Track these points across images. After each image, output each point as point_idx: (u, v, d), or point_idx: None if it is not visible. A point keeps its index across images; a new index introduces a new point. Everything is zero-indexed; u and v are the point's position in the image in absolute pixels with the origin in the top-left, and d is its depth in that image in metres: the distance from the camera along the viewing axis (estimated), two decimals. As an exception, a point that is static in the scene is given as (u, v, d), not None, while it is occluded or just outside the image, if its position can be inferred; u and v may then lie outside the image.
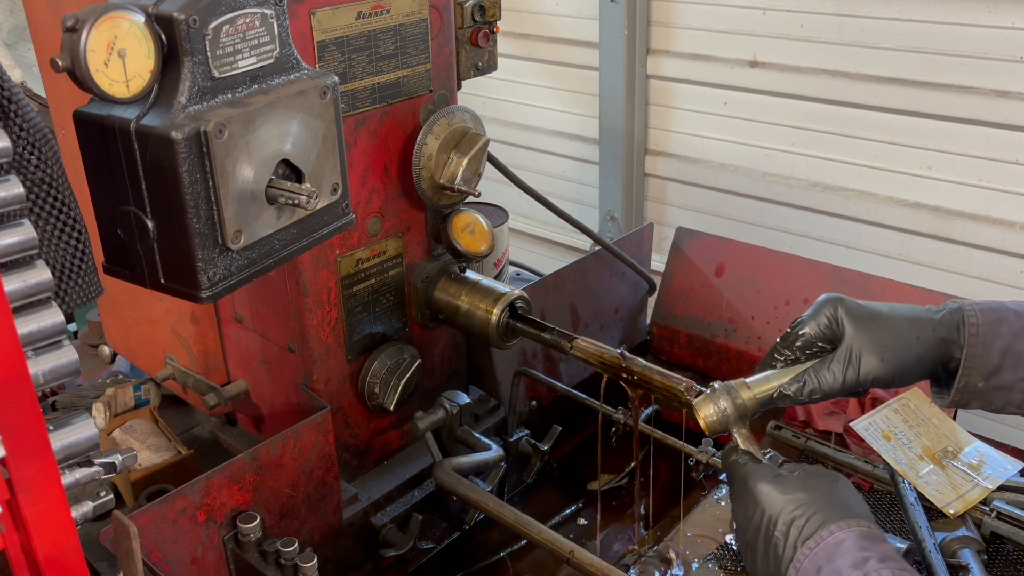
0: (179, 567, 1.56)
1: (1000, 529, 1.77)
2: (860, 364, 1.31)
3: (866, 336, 1.31)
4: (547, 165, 4.44)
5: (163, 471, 1.97)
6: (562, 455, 2.37)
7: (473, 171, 1.87)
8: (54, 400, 2.22)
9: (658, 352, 2.62)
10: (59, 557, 0.93)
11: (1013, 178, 3.04)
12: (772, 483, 1.23)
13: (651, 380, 1.68)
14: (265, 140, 1.29)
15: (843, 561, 1.11)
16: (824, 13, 3.30)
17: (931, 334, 1.32)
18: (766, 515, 1.20)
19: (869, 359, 1.30)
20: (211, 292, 1.27)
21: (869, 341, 1.31)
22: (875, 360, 1.30)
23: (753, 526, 1.22)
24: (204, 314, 1.99)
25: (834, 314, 1.34)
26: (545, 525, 1.76)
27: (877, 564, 1.10)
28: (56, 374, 0.96)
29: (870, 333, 1.31)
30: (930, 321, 1.33)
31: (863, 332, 1.31)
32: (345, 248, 1.81)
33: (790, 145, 3.58)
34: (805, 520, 1.17)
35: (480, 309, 1.89)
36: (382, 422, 2.02)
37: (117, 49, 1.13)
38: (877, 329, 1.31)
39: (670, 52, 3.83)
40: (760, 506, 1.22)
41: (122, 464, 1.06)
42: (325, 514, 1.81)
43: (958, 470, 1.90)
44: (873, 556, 1.11)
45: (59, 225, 1.10)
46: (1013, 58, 2.92)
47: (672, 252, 2.57)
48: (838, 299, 1.35)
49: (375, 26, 1.72)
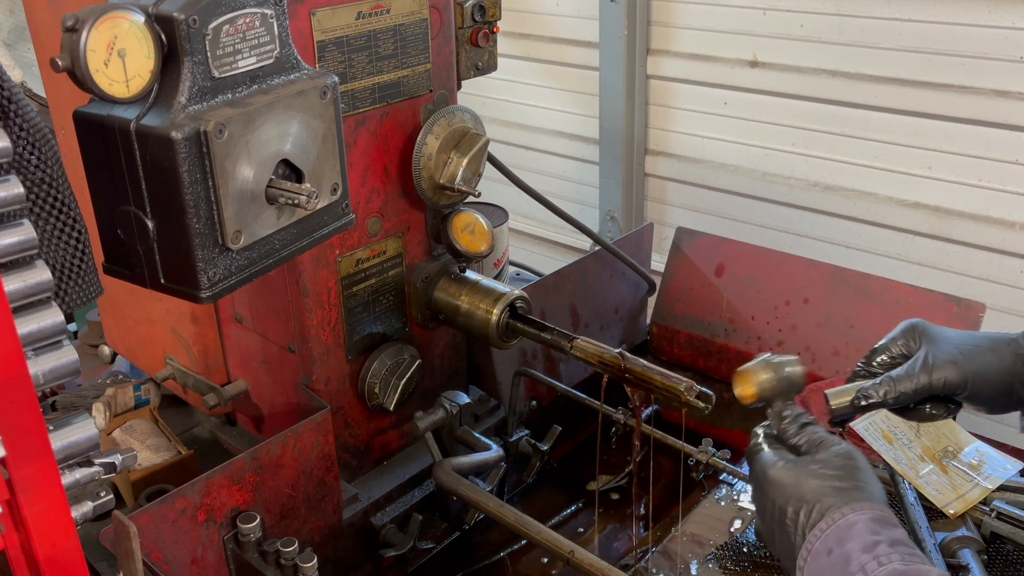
0: (179, 567, 1.56)
1: (1000, 529, 1.77)
2: (933, 368, 1.40)
3: (942, 345, 1.42)
4: (547, 165, 4.44)
5: (163, 471, 1.97)
6: (562, 455, 2.37)
7: (473, 171, 1.87)
8: (54, 400, 2.22)
9: (658, 352, 2.62)
10: (59, 557, 0.93)
11: (1013, 178, 3.04)
12: (783, 470, 1.25)
13: (651, 380, 1.68)
14: (265, 140, 1.29)
15: (853, 544, 1.13)
16: (824, 13, 3.30)
17: (1006, 349, 1.41)
18: (778, 503, 1.23)
19: (943, 364, 1.40)
20: (211, 292, 1.27)
21: (945, 348, 1.42)
22: (949, 364, 1.40)
23: (768, 512, 1.25)
24: (204, 314, 1.99)
25: (912, 332, 1.46)
26: (545, 525, 1.76)
27: (887, 548, 1.11)
28: (56, 374, 0.96)
29: (946, 343, 1.43)
30: (1006, 339, 1.42)
31: (939, 343, 1.43)
32: (345, 248, 1.81)
33: (790, 145, 3.58)
34: (813, 505, 1.19)
35: (480, 309, 1.89)
36: (382, 422, 2.02)
37: (117, 49, 1.13)
38: (952, 342, 1.43)
39: (670, 52, 3.83)
40: (772, 493, 1.24)
41: (122, 464, 1.06)
42: (325, 514, 1.81)
43: (958, 470, 1.91)
44: (884, 540, 1.12)
45: (59, 225, 1.10)
46: (1013, 58, 2.92)
47: (672, 252, 2.57)
48: (919, 322, 1.47)
49: (375, 26, 1.72)
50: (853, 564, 1.11)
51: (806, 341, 2.32)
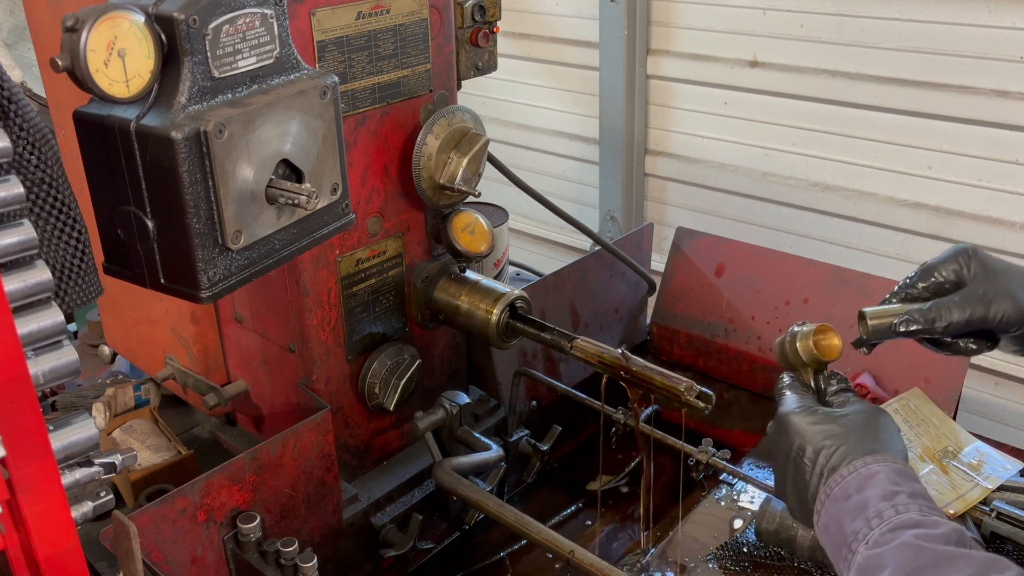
0: (179, 567, 1.56)
1: (1000, 529, 1.77)
2: (991, 302, 1.29)
3: (1000, 279, 1.31)
4: (547, 165, 4.44)
5: (163, 471, 1.97)
6: (562, 455, 2.37)
7: (473, 171, 1.87)
8: (54, 400, 2.22)
9: (658, 352, 2.62)
10: (59, 557, 0.93)
11: (1013, 178, 3.04)
12: (805, 414, 1.26)
13: (651, 380, 1.68)
14: (265, 140, 1.29)
15: (873, 492, 1.14)
16: (824, 13, 3.30)
17: None
18: (796, 444, 1.24)
19: (1001, 299, 1.29)
20: (211, 292, 1.27)
21: (1003, 283, 1.30)
22: (1007, 300, 1.29)
23: (783, 451, 1.26)
24: (204, 314, 1.99)
25: (967, 259, 1.34)
26: (545, 525, 1.76)
27: (907, 499, 1.12)
28: (56, 374, 0.96)
29: (1003, 277, 1.31)
30: None
31: (995, 276, 1.32)
32: (345, 248, 1.81)
33: (790, 145, 3.58)
34: (834, 450, 1.20)
35: (480, 309, 1.89)
36: (382, 422, 2.02)
37: (117, 49, 1.13)
38: (1010, 276, 1.32)
39: (670, 52, 3.83)
40: (792, 435, 1.25)
41: (122, 464, 1.06)
42: (325, 514, 1.81)
43: (958, 470, 1.91)
44: (904, 491, 1.13)
45: (59, 225, 1.10)
46: (1013, 58, 2.92)
47: (672, 252, 2.57)
48: (971, 247, 1.37)
49: (375, 26, 1.72)
50: (871, 510, 1.13)
51: (806, 341, 2.32)
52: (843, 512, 1.16)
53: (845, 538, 1.14)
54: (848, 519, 1.15)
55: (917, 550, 1.06)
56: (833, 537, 1.17)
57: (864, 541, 1.11)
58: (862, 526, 1.13)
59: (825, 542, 1.20)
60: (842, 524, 1.15)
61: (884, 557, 1.08)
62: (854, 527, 1.13)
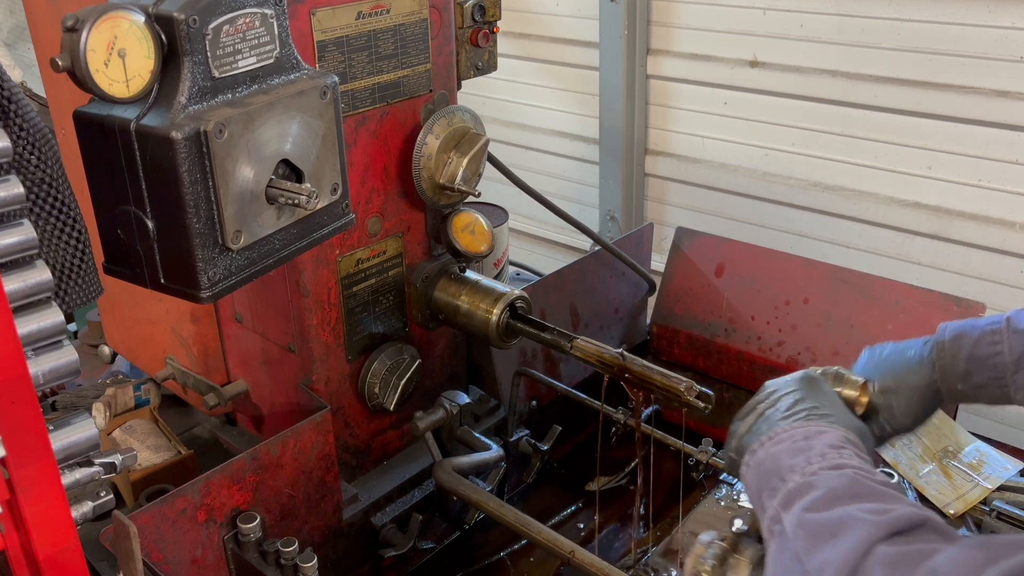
0: (179, 567, 1.56)
1: (1000, 529, 1.77)
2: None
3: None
4: (547, 165, 4.44)
5: (163, 471, 1.97)
6: (562, 455, 2.37)
7: (473, 171, 1.87)
8: (54, 400, 2.22)
9: (658, 352, 2.62)
10: (59, 557, 0.93)
11: (1013, 178, 3.04)
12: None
13: (651, 380, 1.68)
14: (265, 140, 1.29)
15: (821, 441, 1.16)
16: (824, 13, 3.30)
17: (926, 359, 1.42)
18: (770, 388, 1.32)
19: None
20: (211, 292, 1.27)
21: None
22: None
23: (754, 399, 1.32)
24: (204, 314, 1.99)
25: None
26: (545, 525, 1.76)
27: (854, 454, 1.14)
28: (56, 374, 0.96)
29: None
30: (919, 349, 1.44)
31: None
32: (345, 248, 1.81)
33: (790, 145, 3.58)
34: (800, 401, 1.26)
35: (480, 309, 1.89)
36: (382, 422, 2.02)
37: (117, 49, 1.13)
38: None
39: (670, 52, 3.83)
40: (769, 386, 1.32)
41: (122, 464, 1.06)
42: (325, 514, 1.81)
43: (958, 470, 1.91)
44: (852, 450, 1.14)
45: (59, 225, 1.10)
46: (1013, 58, 2.91)
47: (672, 252, 2.57)
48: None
49: (375, 26, 1.72)
50: (814, 452, 1.14)
51: (806, 341, 2.32)
52: (784, 451, 1.16)
53: (779, 470, 1.13)
54: (788, 456, 1.15)
55: (855, 482, 1.06)
56: (766, 471, 1.16)
57: (800, 472, 1.10)
58: (802, 462, 1.12)
59: (752, 477, 1.19)
60: (779, 460, 1.15)
61: (818, 482, 1.07)
62: (793, 462, 1.13)
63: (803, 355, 2.31)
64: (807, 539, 1.01)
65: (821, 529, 1.00)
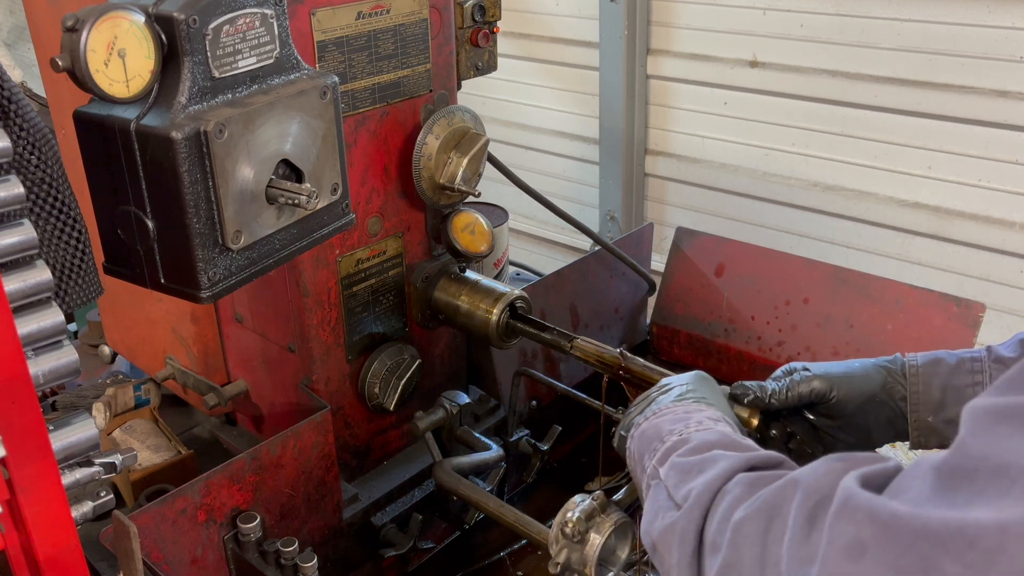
0: (179, 567, 1.56)
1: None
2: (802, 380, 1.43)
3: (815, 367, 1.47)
4: (547, 165, 4.44)
5: (163, 471, 1.97)
6: (562, 455, 2.37)
7: (473, 171, 1.87)
8: (54, 400, 2.22)
9: (658, 352, 2.62)
10: (59, 557, 0.93)
11: (1013, 178, 3.04)
12: None
13: (651, 380, 1.68)
14: (265, 140, 1.29)
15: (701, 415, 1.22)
16: (824, 13, 3.30)
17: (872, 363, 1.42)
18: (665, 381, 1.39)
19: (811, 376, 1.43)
20: (211, 292, 1.27)
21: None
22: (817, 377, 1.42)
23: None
24: (204, 314, 1.99)
25: None
26: (545, 525, 1.75)
27: (730, 427, 1.20)
28: (56, 374, 0.96)
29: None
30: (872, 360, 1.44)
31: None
32: (345, 248, 1.81)
33: (790, 145, 3.58)
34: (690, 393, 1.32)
35: (480, 309, 1.89)
36: (382, 422, 2.02)
37: (117, 49, 1.13)
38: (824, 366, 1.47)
39: (670, 52, 3.83)
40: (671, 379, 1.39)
41: (122, 464, 1.06)
42: (325, 514, 1.81)
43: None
44: (732, 429, 1.20)
45: (59, 225, 1.10)
46: (1013, 58, 2.92)
47: (672, 252, 2.57)
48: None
49: (375, 26, 1.72)
50: (693, 420, 1.20)
51: (806, 341, 2.32)
52: (665, 421, 1.23)
53: (660, 434, 1.20)
54: (668, 423, 1.21)
55: (725, 435, 1.14)
56: (648, 438, 1.22)
57: (679, 434, 1.17)
58: (680, 426, 1.19)
59: (636, 446, 1.24)
60: (660, 427, 1.21)
61: (692, 437, 1.15)
62: (672, 427, 1.20)
63: (803, 355, 2.31)
64: (677, 476, 1.09)
65: (690, 467, 1.09)
